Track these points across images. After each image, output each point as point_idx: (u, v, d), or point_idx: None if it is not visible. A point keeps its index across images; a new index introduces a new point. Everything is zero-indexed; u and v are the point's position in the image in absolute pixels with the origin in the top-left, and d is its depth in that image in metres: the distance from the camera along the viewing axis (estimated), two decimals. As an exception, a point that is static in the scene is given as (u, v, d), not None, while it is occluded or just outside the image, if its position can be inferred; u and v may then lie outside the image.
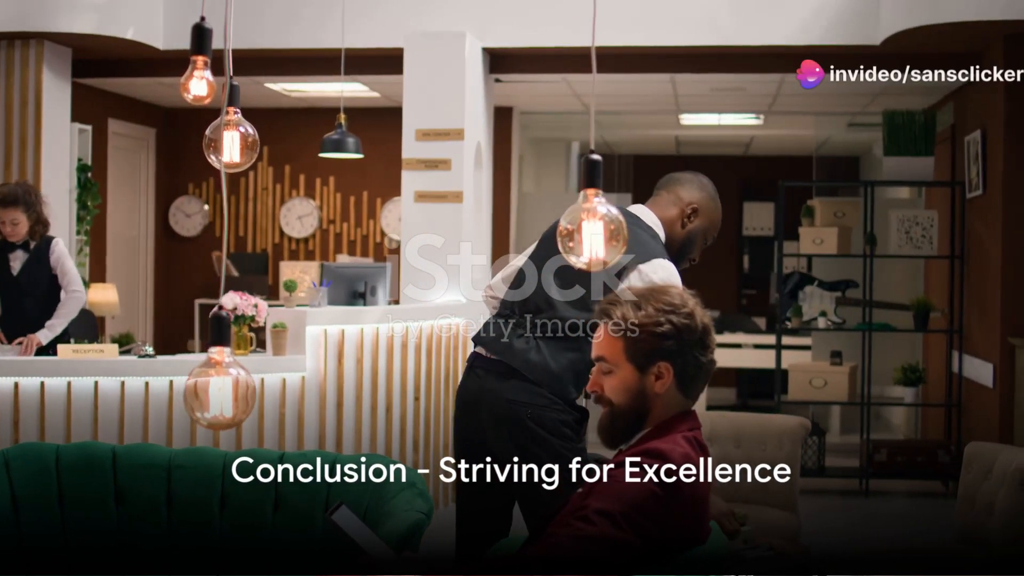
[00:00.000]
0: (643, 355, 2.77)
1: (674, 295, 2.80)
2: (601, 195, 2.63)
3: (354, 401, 6.79)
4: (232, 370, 2.48)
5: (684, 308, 2.79)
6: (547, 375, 4.06)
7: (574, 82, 9.43)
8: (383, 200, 11.11)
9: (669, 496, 2.62)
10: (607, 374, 2.81)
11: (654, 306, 2.77)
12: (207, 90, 2.87)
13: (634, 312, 2.77)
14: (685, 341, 2.77)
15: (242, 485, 3.81)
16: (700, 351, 2.80)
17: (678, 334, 2.76)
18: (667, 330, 2.75)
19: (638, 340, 2.77)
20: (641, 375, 2.78)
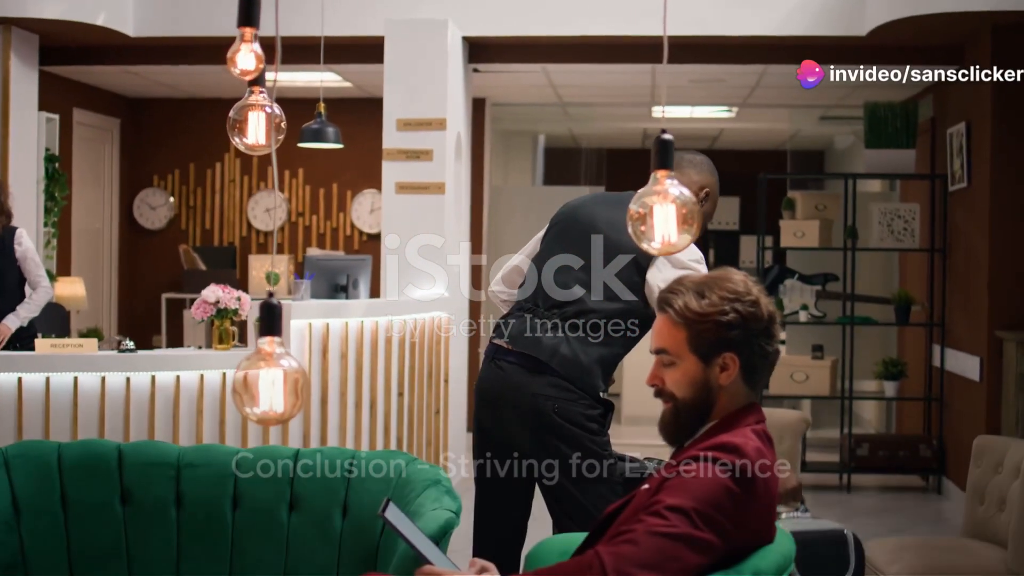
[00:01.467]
0: (708, 346, 2.63)
1: (737, 282, 2.66)
2: (673, 177, 2.49)
3: (338, 397, 6.62)
4: (284, 362, 2.32)
5: (749, 296, 2.65)
6: (578, 368, 3.97)
7: (553, 72, 9.29)
8: (353, 192, 10.92)
9: (745, 492, 2.49)
10: (668, 366, 2.67)
11: (718, 294, 2.63)
12: (255, 63, 2.68)
13: (697, 301, 2.63)
14: (751, 330, 2.64)
15: (256, 484, 3.65)
16: (766, 340, 2.67)
17: (744, 323, 2.63)
18: (732, 319, 2.62)
19: (702, 330, 2.63)
20: (705, 367, 2.64)
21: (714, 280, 2.66)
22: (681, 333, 2.64)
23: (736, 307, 2.62)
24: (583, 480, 3.98)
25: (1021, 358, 7.32)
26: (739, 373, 2.64)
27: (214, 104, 11.02)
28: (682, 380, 2.64)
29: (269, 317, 2.34)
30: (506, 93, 10.61)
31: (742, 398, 2.66)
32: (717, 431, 2.61)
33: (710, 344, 2.63)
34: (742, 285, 2.65)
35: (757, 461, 2.53)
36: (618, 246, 3.99)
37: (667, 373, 2.67)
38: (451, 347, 7.86)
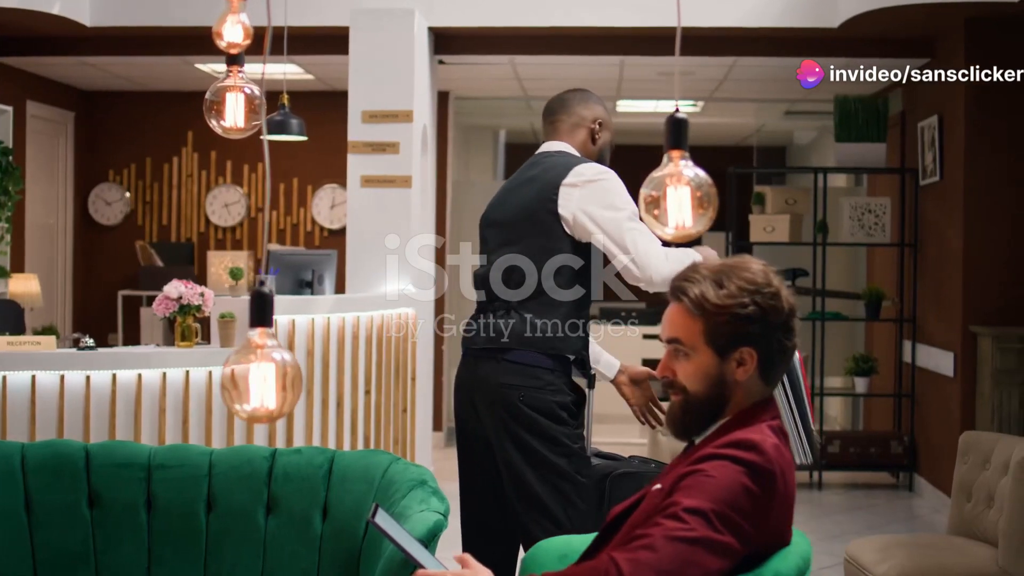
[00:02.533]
0: (725, 339, 2.48)
1: (756, 272, 2.51)
2: (687, 157, 2.34)
3: (305, 395, 6.44)
4: (276, 355, 2.15)
5: (769, 287, 2.50)
6: (542, 339, 3.86)
7: (520, 65, 9.13)
8: (314, 187, 10.71)
9: (763, 492, 2.34)
10: (681, 358, 2.51)
11: (736, 284, 2.47)
12: (242, 36, 2.47)
13: (715, 291, 2.47)
14: (770, 324, 2.49)
15: (231, 486, 3.47)
16: (785, 335, 2.52)
17: (763, 316, 2.48)
18: (752, 312, 2.47)
19: (720, 323, 2.47)
20: (721, 361, 2.49)
21: (732, 268, 2.51)
22: (697, 324, 2.49)
23: (756, 299, 2.47)
24: (548, 475, 3.83)
25: (997, 353, 7.25)
26: (756, 368, 2.49)
27: (171, 97, 10.81)
28: (696, 373, 2.49)
29: (261, 307, 2.17)
30: (468, 87, 10.45)
31: (757, 393, 2.52)
32: (732, 427, 2.47)
33: (727, 337, 2.48)
34: (762, 275, 2.50)
35: (776, 459, 2.39)
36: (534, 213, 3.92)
37: (679, 365, 2.52)
38: (416, 344, 7.69)
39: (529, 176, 4.04)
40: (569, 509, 3.85)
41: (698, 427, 2.53)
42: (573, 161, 3.98)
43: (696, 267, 2.53)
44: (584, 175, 3.90)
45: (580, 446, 3.94)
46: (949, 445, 7.83)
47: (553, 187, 3.89)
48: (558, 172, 3.93)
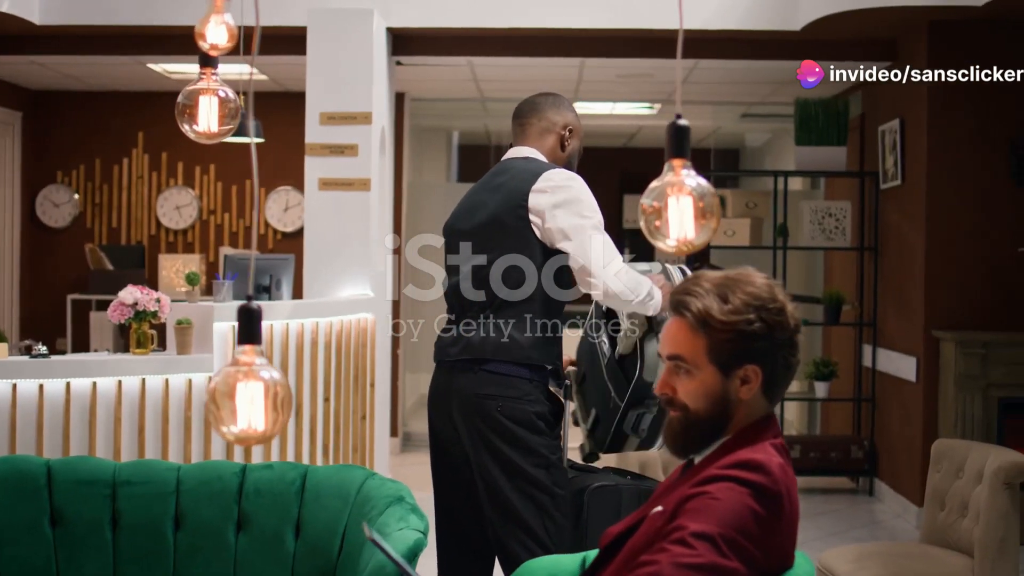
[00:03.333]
0: (729, 356, 2.38)
1: (760, 286, 2.41)
2: (690, 166, 2.25)
3: (263, 403, 6.29)
4: (264, 373, 2.04)
5: (775, 303, 2.40)
6: (519, 348, 3.78)
7: (478, 66, 9.03)
8: (267, 190, 10.55)
9: (770, 515, 2.25)
10: (683, 375, 2.41)
11: (741, 298, 2.38)
12: (227, 37, 2.32)
13: (719, 305, 2.37)
14: (776, 341, 2.39)
15: (200, 502, 3.34)
16: (790, 351, 2.43)
17: (769, 333, 2.38)
18: (758, 328, 2.37)
19: (724, 340, 2.37)
20: (725, 378, 2.39)
21: (735, 281, 2.41)
22: (700, 341, 2.39)
23: (762, 315, 2.37)
24: (526, 488, 3.75)
25: (960, 358, 7.22)
26: (760, 386, 2.40)
27: (122, 97, 10.62)
28: (698, 391, 2.39)
29: (248, 323, 2.06)
30: (424, 88, 10.32)
31: (759, 411, 2.43)
32: (735, 447, 2.37)
33: (731, 355, 2.38)
34: (766, 290, 2.41)
35: (782, 479, 2.30)
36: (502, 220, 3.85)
37: (680, 382, 2.42)
38: (376, 349, 7.57)
39: (497, 183, 3.95)
40: (547, 521, 3.77)
41: (698, 445, 2.43)
42: (541, 167, 3.90)
43: (698, 279, 2.44)
44: (553, 180, 3.82)
45: (558, 457, 3.87)
46: (911, 450, 7.81)
47: (522, 194, 3.81)
48: (526, 178, 3.85)
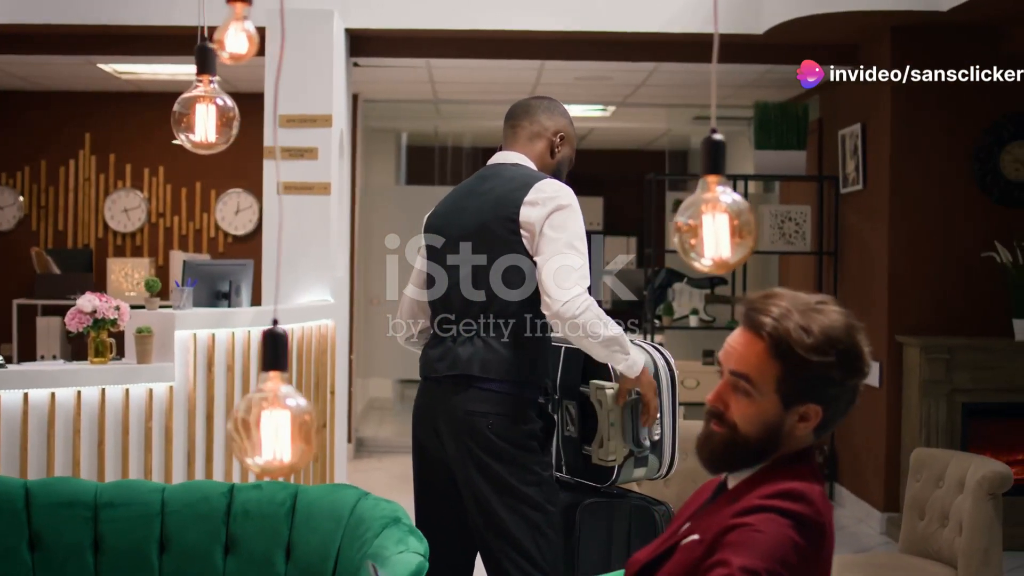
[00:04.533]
0: (797, 392, 2.28)
1: (838, 326, 2.28)
2: (725, 182, 2.16)
3: (224, 412, 6.16)
4: (290, 401, 1.93)
5: (854, 348, 2.28)
6: (507, 366, 3.67)
7: (436, 68, 8.91)
8: (218, 192, 10.37)
9: (810, 545, 2.17)
10: (742, 394, 2.30)
11: (821, 332, 2.25)
12: (247, 46, 2.18)
13: (804, 336, 2.25)
14: (847, 387, 2.29)
15: (186, 524, 3.21)
16: (853, 397, 2.33)
17: (843, 378, 2.27)
18: (835, 373, 2.25)
19: (800, 375, 2.26)
20: (784, 411, 2.28)
21: (816, 310, 2.28)
22: (773, 368, 2.27)
23: (842, 359, 2.25)
24: (518, 506, 3.66)
25: (924, 363, 7.21)
26: (815, 425, 2.31)
27: (69, 97, 10.39)
28: (755, 417, 2.29)
29: (274, 349, 1.94)
30: (375, 89, 10.19)
31: (805, 443, 2.34)
32: (775, 475, 2.28)
33: (800, 391, 2.28)
34: (844, 330, 2.28)
35: (824, 509, 2.22)
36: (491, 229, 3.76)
37: (737, 401, 2.30)
38: (337, 356, 7.44)
39: (486, 189, 3.85)
40: (540, 539, 3.68)
41: (736, 467, 2.34)
42: (532, 177, 3.80)
43: (776, 296, 2.32)
44: (545, 192, 3.72)
45: (549, 474, 3.78)
46: (875, 455, 7.80)
47: (515, 204, 3.71)
48: (518, 188, 3.75)
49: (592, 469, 3.93)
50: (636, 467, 3.93)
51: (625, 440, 3.86)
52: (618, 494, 3.97)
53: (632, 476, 3.95)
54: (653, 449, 3.93)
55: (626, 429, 3.85)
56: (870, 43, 7.87)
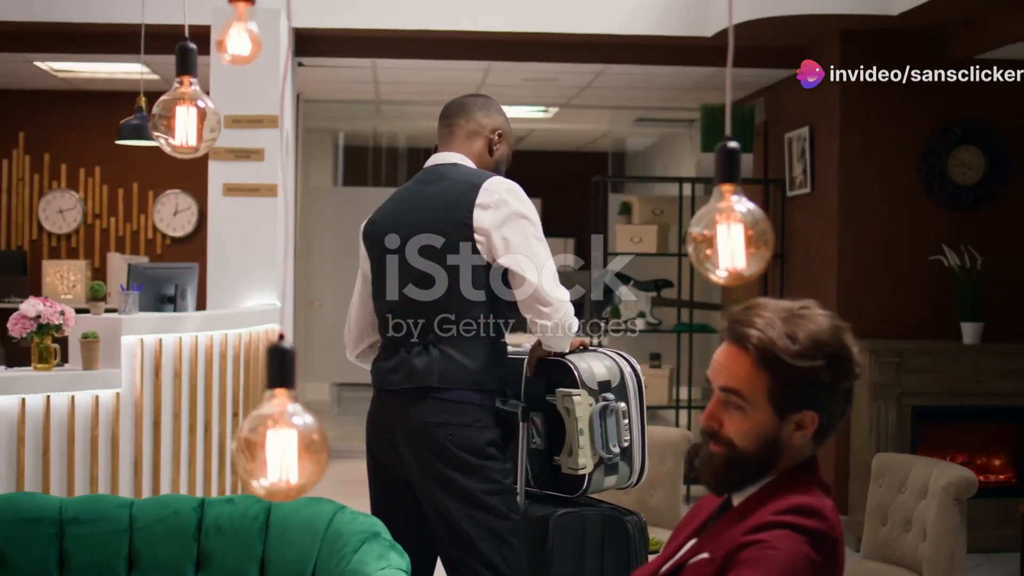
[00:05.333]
0: (789, 401, 2.22)
1: (824, 328, 2.24)
2: (740, 191, 2.10)
3: (171, 419, 6.03)
4: (297, 420, 1.84)
5: (842, 349, 2.24)
6: (465, 374, 3.61)
7: (381, 68, 8.80)
8: (155, 193, 10.18)
9: (825, 562, 2.12)
10: (734, 409, 2.25)
11: (808, 337, 2.21)
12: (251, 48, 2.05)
13: (788, 344, 2.20)
14: (839, 389, 2.24)
15: (156, 541, 3.10)
16: (848, 400, 2.28)
17: (834, 382, 2.23)
18: (825, 376, 2.21)
19: (789, 383, 2.21)
20: (780, 422, 2.23)
21: (800, 316, 2.24)
22: (762, 379, 2.22)
23: (831, 362, 2.21)
24: (480, 516, 3.59)
25: (874, 367, 7.22)
26: (812, 432, 2.26)
27: (1, 96, 10.14)
28: (750, 431, 2.23)
29: (280, 365, 1.85)
30: (316, 89, 10.04)
31: (805, 453, 2.28)
32: (782, 490, 2.22)
33: (793, 400, 2.22)
34: (830, 333, 2.24)
35: (836, 523, 2.17)
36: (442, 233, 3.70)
37: (731, 417, 2.25)
38: (283, 361, 7.30)
39: (431, 193, 3.75)
40: (504, 549, 3.62)
41: (739, 485, 2.28)
42: (479, 177, 3.73)
43: (759, 307, 2.27)
44: (496, 193, 3.65)
45: (511, 482, 3.71)
46: (823, 458, 7.78)
47: (465, 209, 3.63)
48: (467, 191, 3.67)
49: (562, 480, 3.86)
50: (607, 475, 3.87)
51: (595, 447, 3.79)
52: (589, 504, 3.91)
53: (603, 485, 3.89)
54: (623, 456, 3.86)
55: (595, 436, 3.79)
56: (819, 46, 7.88)
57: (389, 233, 3.80)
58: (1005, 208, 7.64)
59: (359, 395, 13.53)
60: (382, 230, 3.84)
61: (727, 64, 2.15)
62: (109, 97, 9.84)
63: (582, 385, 3.78)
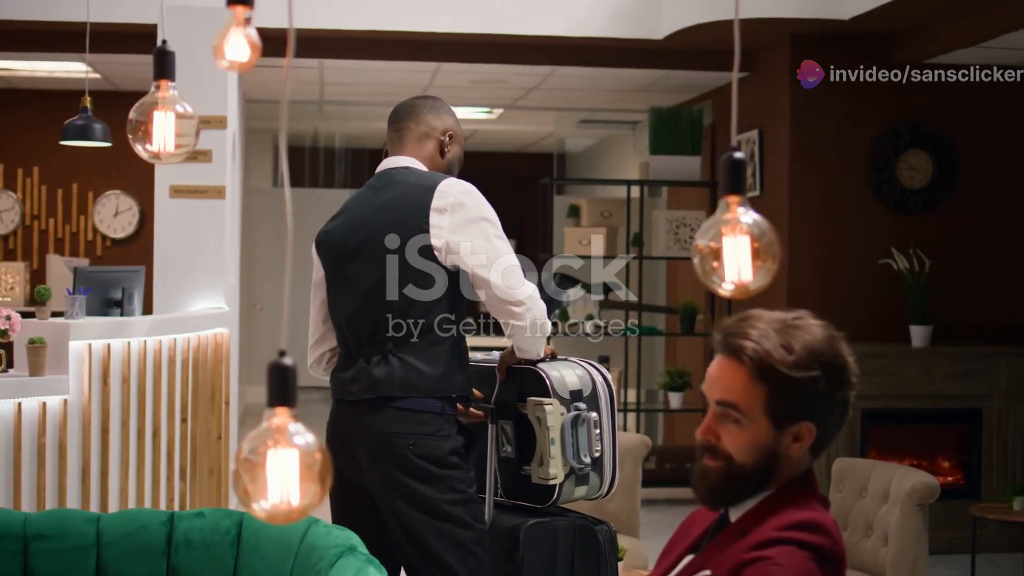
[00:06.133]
0: (786, 412, 2.18)
1: (819, 337, 2.20)
2: (746, 202, 2.06)
3: (120, 426, 5.90)
4: (299, 439, 1.77)
5: (837, 358, 2.20)
6: (426, 381, 3.53)
7: (328, 68, 8.71)
8: (96, 194, 10.02)
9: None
10: (731, 423, 2.21)
11: (803, 347, 2.17)
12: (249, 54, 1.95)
13: (784, 354, 2.17)
14: (836, 399, 2.21)
15: (124, 557, 3.01)
16: (845, 410, 2.25)
17: (831, 391, 2.19)
18: (822, 386, 2.17)
19: (787, 394, 2.17)
20: (777, 433, 2.19)
21: (794, 326, 2.20)
22: (759, 391, 2.18)
23: (827, 372, 2.17)
24: (444, 526, 3.53)
25: (826, 370, 7.23)
26: (810, 443, 2.23)
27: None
28: (747, 444, 2.19)
29: (281, 382, 1.78)
30: (259, 89, 9.94)
31: (803, 466, 2.25)
32: (780, 503, 2.19)
33: (790, 411, 2.18)
34: (826, 343, 2.20)
35: (839, 538, 2.14)
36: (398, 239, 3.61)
37: (728, 431, 2.20)
38: (231, 365, 7.21)
39: (384, 199, 3.67)
40: (469, 559, 3.56)
41: (737, 499, 2.24)
42: (433, 179, 3.66)
43: (752, 318, 2.24)
44: (451, 195, 3.59)
45: (474, 491, 3.66)
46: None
47: (422, 213, 3.56)
48: (421, 195, 3.60)
49: (532, 490, 3.81)
50: (577, 485, 3.83)
51: (566, 457, 3.75)
52: (559, 514, 3.86)
53: (574, 495, 3.84)
54: (594, 466, 3.82)
55: (567, 446, 3.74)
56: (768, 50, 7.90)
57: (344, 241, 3.73)
58: (953, 211, 7.70)
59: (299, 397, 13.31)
60: (336, 239, 3.76)
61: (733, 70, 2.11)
62: (49, 96, 9.68)
63: (554, 394, 3.73)
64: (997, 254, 7.71)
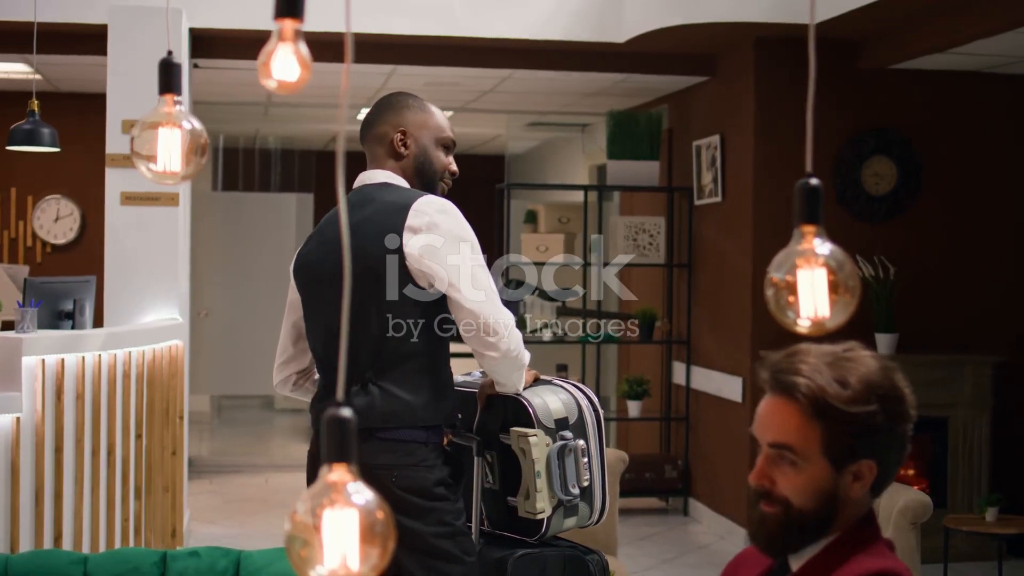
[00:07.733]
0: (845, 451, 2.04)
1: (873, 369, 2.06)
2: (823, 232, 1.92)
3: (74, 444, 5.67)
4: (358, 499, 1.60)
5: (894, 391, 2.06)
6: (409, 411, 3.33)
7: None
8: (35, 199, 9.72)
9: None
10: (788, 465, 2.07)
11: (859, 381, 2.03)
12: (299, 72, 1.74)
13: (839, 390, 2.02)
14: (896, 434, 2.07)
15: (112, 602, 2.82)
16: (904, 444, 2.12)
17: (890, 425, 2.06)
18: (880, 421, 2.04)
19: (844, 432, 2.03)
20: (836, 473, 2.05)
21: (847, 359, 2.06)
22: (815, 430, 2.04)
23: (885, 406, 2.04)
24: (432, 562, 3.34)
25: (791, 379, 7.14)
26: (871, 482, 2.09)
27: None
28: (806, 487, 2.05)
29: (341, 436, 1.61)
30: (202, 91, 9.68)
31: (865, 507, 2.11)
32: (845, 549, 2.05)
33: (849, 449, 2.04)
34: (881, 374, 2.06)
35: (916, 590, 2.01)
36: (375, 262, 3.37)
37: (783, 474, 2.06)
38: (183, 378, 6.99)
39: (358, 219, 3.43)
40: None
41: (797, 545, 2.10)
42: (408, 197, 3.41)
43: (801, 353, 2.09)
44: (426, 214, 3.35)
45: (463, 523, 3.47)
46: (735, 471, 7.72)
47: (396, 233, 3.34)
48: (394, 213, 3.38)
49: (519, 523, 3.64)
50: (567, 517, 3.66)
51: (553, 490, 3.58)
52: (548, 544, 3.70)
53: (563, 527, 3.68)
54: (583, 496, 3.66)
55: (554, 478, 3.57)
56: (731, 54, 7.81)
57: (319, 266, 3.54)
58: (917, 218, 7.64)
59: (239, 404, 13.18)
60: (311, 262, 3.57)
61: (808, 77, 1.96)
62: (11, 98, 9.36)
63: (538, 424, 3.54)
64: (961, 260, 7.67)
